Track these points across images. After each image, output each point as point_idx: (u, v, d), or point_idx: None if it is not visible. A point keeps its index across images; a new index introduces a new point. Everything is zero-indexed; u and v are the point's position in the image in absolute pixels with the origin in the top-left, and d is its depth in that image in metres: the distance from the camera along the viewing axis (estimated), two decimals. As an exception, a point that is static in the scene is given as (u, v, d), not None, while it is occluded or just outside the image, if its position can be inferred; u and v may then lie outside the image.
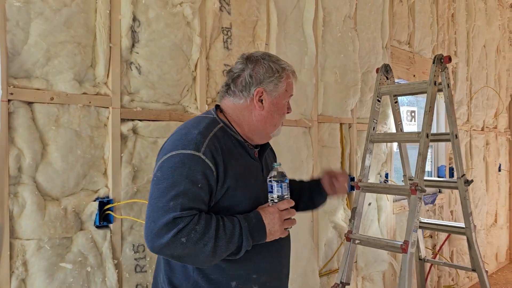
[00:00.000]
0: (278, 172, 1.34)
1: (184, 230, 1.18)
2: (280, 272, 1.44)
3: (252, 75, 1.37)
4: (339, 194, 1.64)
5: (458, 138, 2.50)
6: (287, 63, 1.45)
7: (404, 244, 2.13)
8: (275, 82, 1.38)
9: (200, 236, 1.19)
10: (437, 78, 2.35)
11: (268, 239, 1.31)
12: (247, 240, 1.26)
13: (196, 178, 1.22)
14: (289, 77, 1.43)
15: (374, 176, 3.11)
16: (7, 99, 1.42)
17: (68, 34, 1.56)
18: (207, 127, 1.32)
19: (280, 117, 1.43)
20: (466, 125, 4.40)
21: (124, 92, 1.73)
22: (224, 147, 1.31)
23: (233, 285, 1.32)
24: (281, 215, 1.32)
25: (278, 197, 1.33)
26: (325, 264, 2.71)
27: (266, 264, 1.37)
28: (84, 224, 1.62)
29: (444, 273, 4.04)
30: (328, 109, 2.72)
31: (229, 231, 1.23)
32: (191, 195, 1.21)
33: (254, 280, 1.34)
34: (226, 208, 1.31)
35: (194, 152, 1.24)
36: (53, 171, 1.53)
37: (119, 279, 1.67)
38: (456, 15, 4.23)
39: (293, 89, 1.47)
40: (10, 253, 1.43)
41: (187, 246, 1.18)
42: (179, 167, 1.23)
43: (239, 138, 1.39)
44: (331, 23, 2.70)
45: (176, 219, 1.18)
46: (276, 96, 1.39)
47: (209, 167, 1.25)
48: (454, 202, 4.24)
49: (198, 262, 1.25)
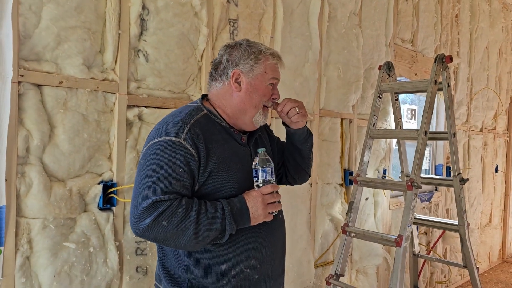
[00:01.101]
0: (262, 158, 1.35)
1: (164, 213, 1.21)
2: (272, 255, 1.44)
3: (229, 59, 1.43)
4: (294, 119, 1.52)
5: (456, 137, 2.53)
6: (266, 46, 1.46)
7: (398, 238, 2.17)
8: (251, 63, 1.40)
9: (180, 219, 1.22)
10: (437, 77, 2.38)
11: (252, 223, 1.33)
12: (230, 224, 1.27)
13: (177, 163, 1.26)
14: (268, 59, 1.42)
15: (372, 172, 3.16)
16: (17, 81, 1.46)
17: (79, 19, 1.59)
18: (189, 114, 1.36)
19: (259, 98, 1.42)
20: (465, 125, 4.44)
21: (131, 78, 1.76)
22: (206, 132, 1.34)
23: (223, 267, 1.34)
24: (264, 199, 1.33)
25: (263, 181, 1.34)
26: (320, 256, 2.76)
27: (256, 247, 1.38)
28: (88, 206, 1.66)
29: (437, 269, 4.11)
30: (329, 103, 2.75)
31: (211, 214, 1.25)
32: (172, 179, 1.24)
33: (244, 263, 1.36)
34: (210, 192, 1.33)
35: (175, 138, 1.28)
36: (60, 153, 1.57)
37: (120, 260, 1.72)
38: (460, 16, 4.25)
39: (276, 72, 1.45)
40: (16, 231, 1.48)
41: (168, 230, 1.21)
42: (160, 153, 1.27)
43: (224, 124, 1.42)
44: (336, 19, 2.73)
45: (156, 203, 1.21)
46: (253, 77, 1.41)
47: (190, 152, 1.28)
48: (450, 200, 4.29)
49: (182, 246, 1.26)
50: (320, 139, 2.72)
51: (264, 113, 1.45)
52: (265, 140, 1.61)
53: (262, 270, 1.41)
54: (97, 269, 1.66)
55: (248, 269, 1.37)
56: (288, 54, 2.42)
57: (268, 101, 1.45)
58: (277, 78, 1.46)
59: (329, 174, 2.79)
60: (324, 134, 2.75)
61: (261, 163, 1.35)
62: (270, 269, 1.44)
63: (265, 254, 1.41)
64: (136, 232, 1.24)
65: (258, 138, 1.55)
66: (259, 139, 1.55)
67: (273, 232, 1.45)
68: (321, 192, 2.75)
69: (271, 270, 1.45)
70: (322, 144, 2.74)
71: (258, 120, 1.44)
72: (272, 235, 1.44)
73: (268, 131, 1.69)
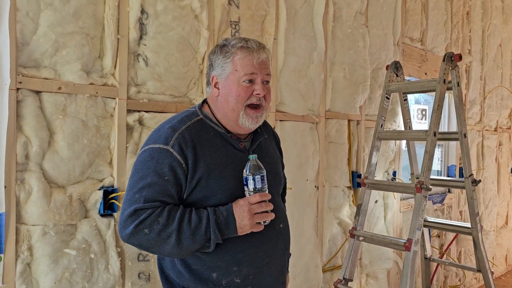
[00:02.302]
0: (252, 164, 1.29)
1: (145, 221, 1.21)
2: (267, 266, 1.37)
3: (210, 64, 1.41)
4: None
5: (467, 137, 2.47)
6: (240, 39, 1.36)
7: (408, 242, 2.12)
8: (221, 64, 1.35)
9: (162, 228, 1.21)
10: (446, 76, 2.33)
11: (239, 233, 1.28)
12: (214, 234, 1.24)
13: (163, 171, 1.25)
14: (236, 54, 1.33)
15: (381, 174, 3.10)
16: (15, 88, 1.45)
17: (77, 25, 1.58)
18: (181, 121, 1.34)
19: (235, 100, 1.33)
20: (478, 125, 4.34)
21: (131, 83, 1.75)
22: (197, 139, 1.31)
23: (214, 276, 1.31)
24: (251, 209, 1.27)
25: (254, 190, 1.29)
26: (328, 260, 2.71)
27: (248, 257, 1.33)
28: (89, 212, 1.65)
29: (450, 273, 4.01)
30: (336, 105, 2.71)
31: (194, 223, 1.23)
32: (156, 187, 1.24)
33: (235, 273, 1.31)
34: (200, 199, 1.30)
35: (162, 146, 1.28)
36: (60, 159, 1.56)
37: (121, 266, 1.70)
38: (472, 13, 4.16)
39: (249, 66, 1.32)
40: (16, 238, 1.47)
41: (151, 237, 1.22)
42: (148, 161, 1.27)
43: (220, 129, 1.37)
44: (342, 19, 2.69)
45: (138, 211, 1.22)
46: (225, 78, 1.34)
47: (176, 159, 1.26)
48: (463, 202, 4.19)
49: (167, 253, 1.27)
50: (327, 141, 2.68)
51: (249, 114, 1.34)
52: (272, 148, 1.55)
53: (255, 281, 1.35)
54: (98, 275, 1.64)
55: (240, 279, 1.32)
56: (292, 55, 2.39)
57: (251, 98, 1.34)
58: (253, 73, 1.33)
59: (336, 177, 2.74)
60: (331, 136, 2.71)
61: (251, 170, 1.29)
62: (266, 280, 1.38)
63: (259, 265, 1.35)
64: (121, 238, 1.26)
65: (264, 144, 1.48)
66: (264, 145, 1.49)
67: (267, 242, 1.37)
68: (328, 195, 2.70)
69: (268, 281, 1.39)
70: (328, 147, 2.70)
71: (244, 123, 1.35)
72: (267, 245, 1.37)
73: (279, 143, 1.64)
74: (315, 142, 2.57)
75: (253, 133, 1.46)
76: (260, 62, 1.34)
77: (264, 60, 1.35)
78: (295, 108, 2.43)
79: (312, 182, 2.56)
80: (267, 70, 1.36)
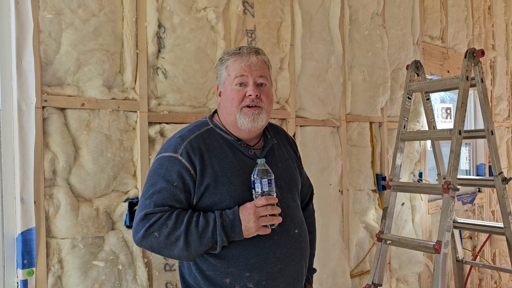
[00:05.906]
0: (260, 169, 1.30)
1: (155, 224, 1.27)
2: (280, 272, 1.35)
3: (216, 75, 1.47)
4: None
5: (494, 134, 2.40)
6: (236, 48, 1.42)
7: (437, 244, 2.07)
8: (219, 73, 1.43)
9: (170, 231, 1.26)
10: (469, 73, 2.27)
11: (245, 236, 1.29)
12: (220, 236, 1.27)
13: (172, 177, 1.31)
14: (228, 60, 1.39)
15: (407, 175, 3.04)
16: (41, 106, 1.51)
17: (97, 42, 1.63)
18: (191, 130, 1.40)
19: (230, 104, 1.37)
20: (506, 121, 4.21)
21: (151, 96, 1.78)
22: (205, 147, 1.36)
23: (227, 281, 1.32)
24: (256, 211, 1.28)
25: (261, 193, 1.30)
26: (356, 265, 2.67)
27: (259, 263, 1.32)
28: (115, 224, 1.69)
29: (485, 275, 3.88)
30: (356, 108, 2.68)
31: (201, 226, 1.27)
32: (165, 193, 1.30)
33: (248, 278, 1.31)
34: (209, 205, 1.33)
35: (172, 154, 1.34)
36: (85, 173, 1.61)
37: (149, 277, 1.73)
38: (494, 7, 4.07)
39: (239, 69, 1.36)
40: (47, 251, 1.52)
41: (160, 240, 1.27)
42: (158, 169, 1.34)
43: (229, 137, 1.41)
44: (358, 21, 2.67)
45: (148, 215, 1.28)
46: (223, 85, 1.42)
47: (185, 166, 1.32)
48: (495, 201, 4.06)
49: (176, 256, 1.30)
50: (349, 144, 2.65)
51: (245, 112, 1.35)
52: (287, 153, 1.54)
53: (268, 287, 1.34)
54: (126, 286, 1.67)
55: (253, 284, 1.32)
56: (310, 60, 2.39)
57: (245, 100, 1.36)
58: (242, 75, 1.36)
59: (360, 180, 2.70)
60: (353, 139, 2.68)
61: (259, 174, 1.30)
62: (279, 286, 1.36)
63: (271, 271, 1.34)
64: (135, 242, 1.32)
65: (276, 150, 1.49)
66: (277, 151, 1.49)
67: (281, 248, 1.36)
68: (353, 199, 2.66)
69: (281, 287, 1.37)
70: (351, 150, 2.67)
71: (242, 123, 1.36)
72: (280, 251, 1.35)
73: (294, 147, 1.63)
74: (336, 146, 2.55)
75: (264, 140, 1.48)
76: (249, 64, 1.37)
77: (254, 62, 1.37)
78: (315, 113, 2.42)
79: (336, 186, 2.54)
80: (259, 72, 1.38)
